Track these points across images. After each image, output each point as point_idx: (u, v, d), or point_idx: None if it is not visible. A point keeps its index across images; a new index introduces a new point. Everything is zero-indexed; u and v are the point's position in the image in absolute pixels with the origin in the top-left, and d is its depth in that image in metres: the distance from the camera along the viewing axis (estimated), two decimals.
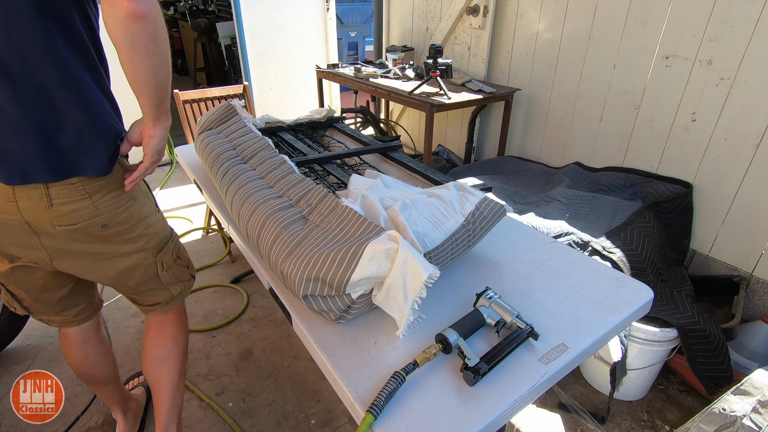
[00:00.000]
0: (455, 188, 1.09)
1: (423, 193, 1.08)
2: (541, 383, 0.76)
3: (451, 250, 0.96)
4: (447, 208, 1.01)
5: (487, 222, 1.02)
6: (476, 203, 1.03)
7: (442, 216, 0.99)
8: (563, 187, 2.22)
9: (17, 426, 1.59)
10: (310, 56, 4.24)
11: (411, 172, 1.40)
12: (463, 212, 1.01)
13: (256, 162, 1.25)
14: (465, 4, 2.94)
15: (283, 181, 1.13)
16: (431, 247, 0.93)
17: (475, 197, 1.05)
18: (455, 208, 1.01)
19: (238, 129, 1.44)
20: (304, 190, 1.07)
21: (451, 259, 0.97)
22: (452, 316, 0.88)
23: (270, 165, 1.21)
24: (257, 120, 1.71)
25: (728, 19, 1.79)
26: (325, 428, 1.63)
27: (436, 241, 0.94)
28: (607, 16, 2.23)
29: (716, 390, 1.61)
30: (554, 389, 1.76)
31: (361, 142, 1.65)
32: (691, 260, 2.11)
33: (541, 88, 2.68)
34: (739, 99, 1.82)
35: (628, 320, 0.93)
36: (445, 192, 1.06)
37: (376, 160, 1.57)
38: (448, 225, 0.97)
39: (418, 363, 0.74)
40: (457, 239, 0.97)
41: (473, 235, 0.99)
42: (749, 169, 1.84)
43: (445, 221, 0.98)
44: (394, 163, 1.50)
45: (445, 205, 1.01)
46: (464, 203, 1.03)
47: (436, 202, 1.02)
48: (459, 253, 0.99)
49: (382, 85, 2.87)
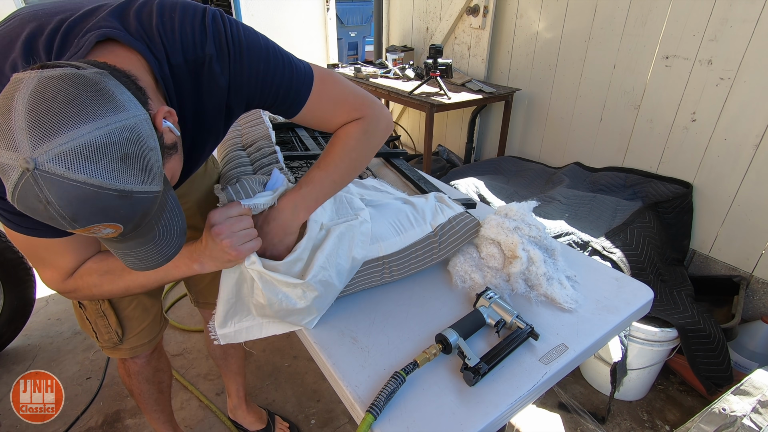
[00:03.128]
0: (434, 199, 1.09)
1: (400, 199, 1.08)
2: (541, 383, 0.76)
3: (410, 259, 0.96)
4: (417, 217, 1.00)
5: (458, 237, 1.00)
6: (450, 216, 1.02)
7: (408, 223, 0.99)
8: (563, 187, 2.22)
9: (17, 426, 1.59)
10: (310, 56, 4.24)
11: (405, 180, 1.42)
12: (432, 223, 1.00)
13: (252, 150, 1.29)
14: (465, 4, 2.94)
15: (265, 169, 1.16)
16: (387, 252, 0.94)
17: (452, 211, 1.04)
18: (425, 218, 1.01)
19: (253, 119, 1.50)
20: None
21: (410, 268, 0.97)
22: (452, 317, 0.88)
23: (261, 154, 1.24)
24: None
25: (728, 19, 1.79)
26: (325, 428, 1.63)
27: (394, 247, 0.95)
28: (607, 16, 2.23)
29: (716, 390, 1.61)
30: (554, 389, 1.76)
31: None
32: (691, 260, 2.11)
33: (541, 88, 2.68)
34: (739, 99, 1.82)
35: (628, 320, 0.93)
36: (422, 201, 1.06)
37: (378, 164, 1.58)
38: (411, 233, 0.97)
39: (418, 363, 0.74)
40: (419, 249, 0.97)
41: (440, 248, 0.98)
42: (749, 169, 1.84)
43: (410, 229, 0.98)
44: (393, 169, 1.51)
45: (416, 214, 1.01)
46: (437, 215, 1.03)
47: (408, 210, 1.02)
48: (422, 264, 0.98)
49: (382, 85, 2.87)
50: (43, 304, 2.21)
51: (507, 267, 0.99)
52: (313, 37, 4.19)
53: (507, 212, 1.03)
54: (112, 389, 1.76)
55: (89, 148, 0.45)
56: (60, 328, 2.07)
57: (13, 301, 1.81)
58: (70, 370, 1.85)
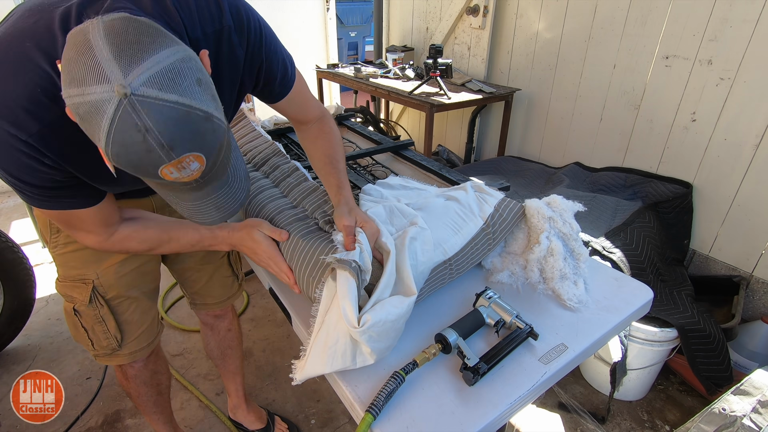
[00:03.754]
0: (472, 189, 1.06)
1: (440, 195, 1.05)
2: (541, 383, 0.76)
3: (471, 255, 0.95)
4: (465, 212, 0.98)
5: (507, 223, 0.99)
6: (495, 204, 1.00)
7: (461, 220, 0.96)
8: (563, 187, 2.22)
9: (17, 426, 1.59)
10: (310, 56, 4.24)
11: (425, 171, 1.38)
12: (482, 215, 0.98)
13: (268, 169, 1.22)
14: (465, 4, 2.94)
15: (296, 189, 1.10)
16: (451, 254, 0.91)
17: (494, 198, 1.03)
18: (474, 211, 0.98)
19: (247, 134, 1.42)
20: (318, 200, 1.03)
21: (470, 263, 0.96)
22: (452, 316, 0.88)
23: (282, 172, 1.18)
24: (265, 122, 1.70)
25: (728, 19, 1.79)
26: (325, 428, 1.63)
27: (456, 247, 0.92)
28: (607, 16, 2.23)
29: (716, 390, 1.61)
30: (554, 389, 1.76)
31: (372, 141, 1.62)
32: (691, 260, 2.11)
33: (541, 88, 2.68)
34: (739, 99, 1.82)
35: (628, 320, 0.93)
36: (462, 194, 1.03)
37: (388, 159, 1.54)
38: (467, 229, 0.95)
39: (417, 363, 0.74)
40: (477, 243, 0.95)
41: (494, 237, 0.97)
42: (749, 169, 1.84)
43: (464, 225, 0.96)
44: (407, 162, 1.47)
45: (463, 208, 0.99)
46: (483, 205, 1.01)
47: (454, 206, 0.99)
48: (479, 257, 0.97)
49: (382, 85, 2.87)
50: (43, 304, 2.21)
51: (526, 252, 0.99)
52: (313, 37, 4.20)
53: (550, 202, 1.04)
54: (112, 389, 1.76)
55: (172, 70, 0.49)
56: (60, 328, 2.07)
57: (13, 301, 1.81)
58: (70, 370, 1.85)
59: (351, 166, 1.46)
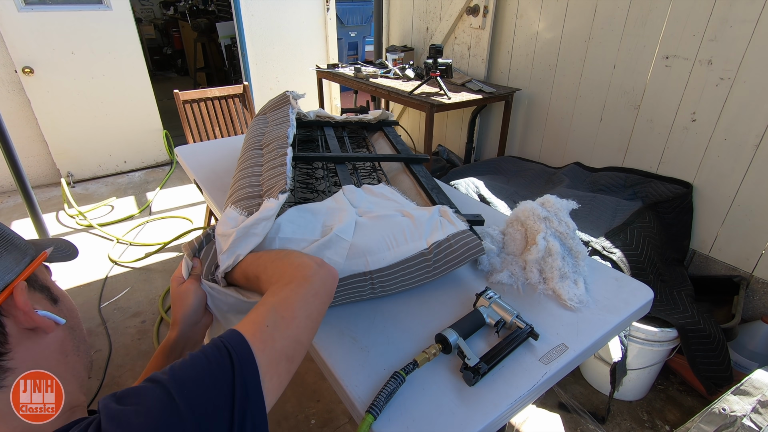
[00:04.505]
0: (437, 213, 1.02)
1: (399, 211, 1.02)
2: (541, 383, 0.75)
3: (402, 277, 0.90)
4: (413, 232, 0.94)
5: (456, 257, 0.92)
6: (449, 234, 0.95)
7: (402, 238, 0.92)
8: (563, 187, 2.22)
9: None
10: (310, 56, 4.24)
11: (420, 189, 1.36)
12: (428, 240, 0.94)
13: (268, 150, 1.25)
14: (465, 4, 2.94)
15: (270, 171, 1.10)
16: (374, 268, 0.88)
17: (453, 228, 0.97)
18: (422, 234, 0.94)
19: (280, 117, 1.44)
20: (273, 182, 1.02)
21: (400, 285, 0.91)
22: (452, 316, 0.88)
23: (273, 155, 1.19)
24: (310, 113, 1.70)
25: (728, 19, 1.79)
26: (325, 428, 1.63)
27: (382, 263, 0.89)
28: (607, 16, 2.23)
29: (716, 390, 1.61)
30: (554, 389, 1.76)
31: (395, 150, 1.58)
32: (691, 260, 2.11)
33: (541, 88, 2.68)
34: (739, 99, 1.82)
35: (628, 320, 0.93)
36: (424, 214, 0.99)
37: (396, 169, 1.50)
38: (403, 249, 0.91)
39: (417, 363, 0.74)
40: (411, 266, 0.91)
41: (434, 266, 0.92)
42: (749, 169, 1.84)
43: (402, 245, 0.91)
44: (411, 176, 1.45)
45: (413, 229, 0.95)
46: (436, 231, 0.96)
47: (406, 223, 0.96)
48: (413, 282, 0.92)
49: (382, 85, 2.87)
50: None
51: (524, 254, 0.99)
52: (313, 37, 4.20)
53: (544, 202, 1.03)
54: (112, 389, 1.76)
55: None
56: None
57: None
58: None
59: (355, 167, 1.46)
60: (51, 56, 3.20)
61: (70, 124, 3.43)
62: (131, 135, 3.75)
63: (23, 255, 0.57)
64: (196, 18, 5.75)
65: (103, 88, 3.48)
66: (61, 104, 3.35)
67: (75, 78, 3.34)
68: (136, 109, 3.70)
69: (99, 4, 3.27)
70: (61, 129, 3.41)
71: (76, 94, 3.39)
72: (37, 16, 3.07)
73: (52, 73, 3.24)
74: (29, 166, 3.45)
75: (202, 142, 2.09)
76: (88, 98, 3.45)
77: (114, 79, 3.50)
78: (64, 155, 3.50)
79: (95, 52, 3.36)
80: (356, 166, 1.47)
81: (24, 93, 3.23)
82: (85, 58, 3.33)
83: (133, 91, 3.63)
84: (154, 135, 3.86)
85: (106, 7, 3.29)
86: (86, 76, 3.39)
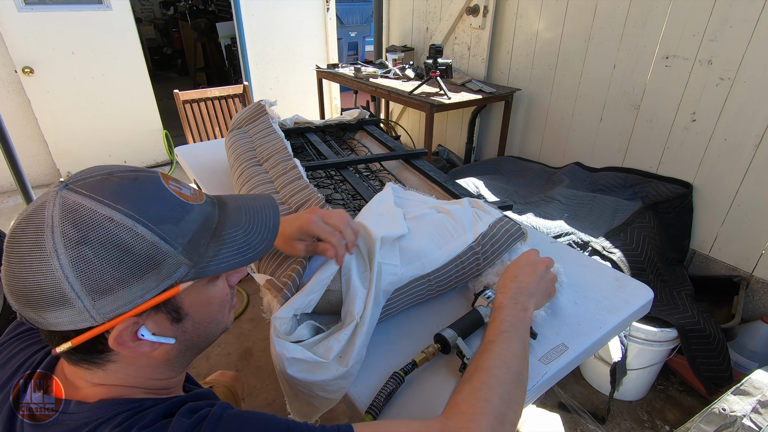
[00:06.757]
0: (470, 205, 1.02)
1: (434, 208, 1.01)
2: (541, 383, 0.75)
3: (455, 273, 0.90)
4: (456, 227, 0.93)
5: (500, 245, 0.93)
6: (490, 224, 0.95)
7: (449, 235, 0.92)
8: (563, 187, 2.22)
9: None
10: (309, 56, 4.24)
11: (431, 182, 1.35)
12: (473, 232, 0.93)
13: (270, 165, 1.22)
14: (465, 4, 2.94)
15: (288, 187, 1.10)
16: (430, 269, 0.87)
17: (491, 216, 0.97)
18: (465, 227, 0.93)
19: (263, 129, 1.41)
20: (305, 198, 1.03)
21: (454, 282, 0.92)
22: (450, 316, 0.88)
23: (281, 169, 1.17)
24: (287, 120, 1.68)
25: (728, 19, 1.79)
26: None
27: (437, 263, 0.88)
28: (607, 16, 2.23)
29: (716, 390, 1.61)
30: (554, 389, 1.76)
31: (387, 147, 1.58)
32: (691, 260, 2.11)
33: (541, 88, 2.68)
34: (739, 99, 1.82)
35: (628, 320, 0.92)
36: (458, 208, 0.98)
37: (398, 167, 1.52)
38: (453, 246, 0.90)
39: (416, 363, 0.74)
40: (463, 262, 0.90)
41: (483, 258, 0.92)
42: (749, 169, 1.84)
43: (450, 241, 0.91)
44: (416, 172, 1.44)
45: (454, 223, 0.94)
46: (476, 223, 0.95)
47: (445, 219, 0.95)
48: (465, 277, 0.92)
49: (382, 85, 2.87)
50: None
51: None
52: (313, 37, 4.20)
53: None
54: None
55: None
56: None
57: None
58: None
59: (357, 171, 1.45)
60: (51, 56, 3.20)
61: (70, 124, 3.43)
62: (131, 135, 3.75)
63: (162, 279, 0.49)
64: (196, 18, 5.76)
65: (103, 88, 3.48)
66: (61, 104, 3.35)
67: (75, 78, 3.34)
68: (136, 109, 3.70)
69: (99, 4, 3.27)
70: (61, 129, 3.41)
71: (76, 94, 3.39)
72: (37, 16, 3.07)
73: (52, 73, 3.24)
74: (29, 166, 3.45)
75: (202, 142, 2.09)
76: (88, 98, 3.45)
77: (114, 79, 3.50)
78: (64, 155, 3.50)
79: (95, 52, 3.36)
80: (358, 169, 1.47)
81: (24, 93, 3.23)
82: (85, 58, 3.33)
83: (133, 91, 3.63)
84: (154, 135, 3.86)
85: (106, 7, 3.29)
86: (86, 76, 3.38)
